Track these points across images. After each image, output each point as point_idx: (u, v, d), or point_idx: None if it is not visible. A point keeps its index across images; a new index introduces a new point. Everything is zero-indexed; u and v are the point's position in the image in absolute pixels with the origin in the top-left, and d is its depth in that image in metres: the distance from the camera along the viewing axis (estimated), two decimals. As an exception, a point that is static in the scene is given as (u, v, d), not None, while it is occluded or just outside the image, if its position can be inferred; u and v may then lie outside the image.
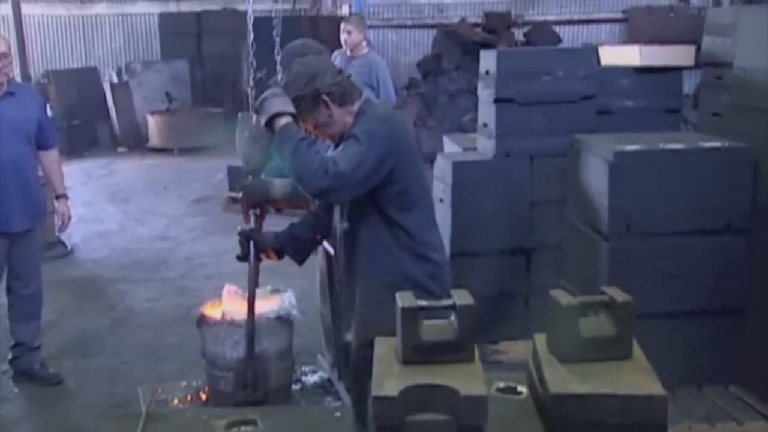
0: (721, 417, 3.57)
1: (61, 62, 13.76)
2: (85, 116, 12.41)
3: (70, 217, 4.66)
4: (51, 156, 4.60)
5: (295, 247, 3.17)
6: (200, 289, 6.03)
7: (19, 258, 4.36)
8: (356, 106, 2.88)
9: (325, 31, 10.65)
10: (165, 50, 13.67)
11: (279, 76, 3.89)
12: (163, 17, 13.65)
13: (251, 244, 3.20)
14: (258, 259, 3.24)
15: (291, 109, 2.77)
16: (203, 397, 3.52)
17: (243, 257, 3.24)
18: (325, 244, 3.05)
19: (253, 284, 3.23)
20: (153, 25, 13.85)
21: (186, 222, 8.20)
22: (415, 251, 2.87)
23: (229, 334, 3.23)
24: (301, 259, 3.19)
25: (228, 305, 3.41)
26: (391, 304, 2.73)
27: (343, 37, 6.67)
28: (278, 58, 4.85)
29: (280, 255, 3.21)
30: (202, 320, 3.39)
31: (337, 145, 2.89)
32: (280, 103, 2.76)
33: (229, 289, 3.49)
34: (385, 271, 2.83)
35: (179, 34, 13.59)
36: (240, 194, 3.26)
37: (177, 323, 5.34)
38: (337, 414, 2.05)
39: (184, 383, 3.75)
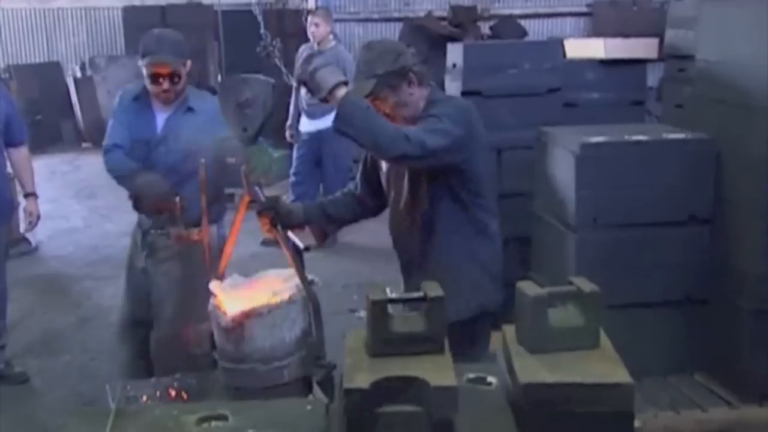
0: (686, 404, 3.63)
1: (23, 57, 13.55)
2: (48, 112, 12.25)
3: (38, 216, 4.57)
4: (20, 153, 4.50)
5: (322, 224, 3.18)
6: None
7: None
8: (428, 91, 2.91)
9: (291, 25, 10.61)
10: (129, 45, 13.50)
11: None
12: (127, 11, 13.47)
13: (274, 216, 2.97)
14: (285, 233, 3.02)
15: (345, 78, 2.73)
16: (172, 393, 3.48)
17: (269, 232, 2.98)
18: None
19: (293, 252, 2.94)
20: (117, 19, 13.66)
21: (152, 218, 8.11)
22: (484, 235, 2.96)
23: (286, 314, 2.79)
24: (324, 238, 3.16)
25: (238, 294, 2.92)
26: (468, 286, 2.77)
27: (310, 30, 6.68)
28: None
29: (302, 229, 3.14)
30: (242, 319, 2.77)
31: None
32: (333, 73, 2.71)
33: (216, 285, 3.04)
34: (461, 255, 2.91)
35: (144, 28, 13.29)
36: (242, 165, 2.97)
37: (145, 320, 5.29)
38: (309, 407, 2.05)
39: (153, 380, 3.71)
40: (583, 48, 4.90)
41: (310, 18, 6.75)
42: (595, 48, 4.77)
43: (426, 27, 11.27)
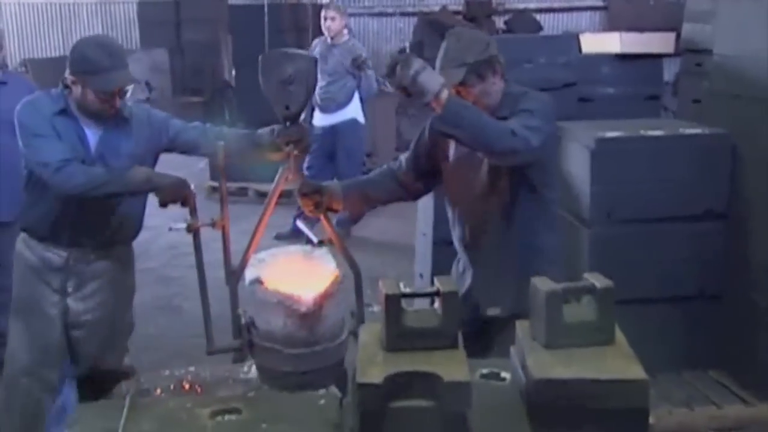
0: (700, 401, 3.61)
1: (38, 51, 13.62)
2: (63, 106, 12.31)
3: None
4: None
5: (360, 204, 3.13)
6: (183, 278, 6.00)
7: (3, 248, 4.32)
8: (504, 83, 2.90)
9: (303, 19, 10.60)
10: (144, 39, 13.55)
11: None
12: (142, 5, 13.52)
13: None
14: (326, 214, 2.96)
15: (443, 79, 2.69)
16: (186, 386, 3.52)
17: (312, 213, 2.94)
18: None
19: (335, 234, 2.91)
20: (131, 13, 13.71)
21: (167, 211, 8.11)
22: (553, 229, 2.97)
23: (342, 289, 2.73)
24: (358, 217, 3.11)
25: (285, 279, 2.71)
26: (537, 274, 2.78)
27: (325, 24, 6.63)
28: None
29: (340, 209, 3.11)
30: (322, 301, 2.53)
31: None
32: (433, 75, 2.67)
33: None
34: (535, 248, 2.90)
35: (158, 22, 13.46)
36: (282, 142, 2.85)
37: (158, 313, 5.32)
38: (322, 401, 2.06)
39: (166, 372, 3.75)
40: (599, 42, 4.88)
41: (324, 12, 6.73)
42: (611, 42, 4.76)
43: (440, 21, 11.24)
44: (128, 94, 3.15)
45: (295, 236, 2.85)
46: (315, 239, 2.84)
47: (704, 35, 4.38)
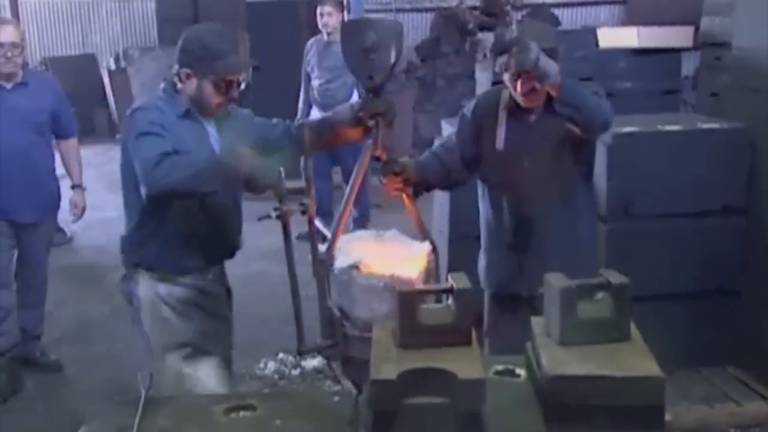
0: (719, 398, 3.59)
1: (58, 49, 13.71)
2: (83, 103, 12.34)
3: (84, 208, 4.68)
4: (68, 145, 4.61)
5: (423, 186, 3.05)
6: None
7: (28, 247, 4.38)
8: None
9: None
10: (162, 36, 13.59)
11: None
12: (160, 3, 13.54)
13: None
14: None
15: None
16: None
17: (396, 192, 2.86)
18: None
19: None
20: (150, 11, 13.74)
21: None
22: (594, 215, 3.12)
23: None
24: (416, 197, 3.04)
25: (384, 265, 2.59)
26: (588, 264, 2.80)
27: (322, 20, 6.32)
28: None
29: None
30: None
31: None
32: (549, 60, 2.69)
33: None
34: (588, 233, 3.04)
35: (176, 19, 13.47)
36: (366, 116, 2.72)
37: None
38: (336, 398, 2.06)
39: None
40: (616, 37, 4.85)
41: (319, 8, 6.31)
42: (629, 37, 4.72)
43: (458, 17, 11.21)
44: (243, 86, 2.81)
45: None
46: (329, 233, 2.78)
47: (723, 28, 4.34)
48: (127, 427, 1.89)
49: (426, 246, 2.61)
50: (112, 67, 13.11)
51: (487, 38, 4.61)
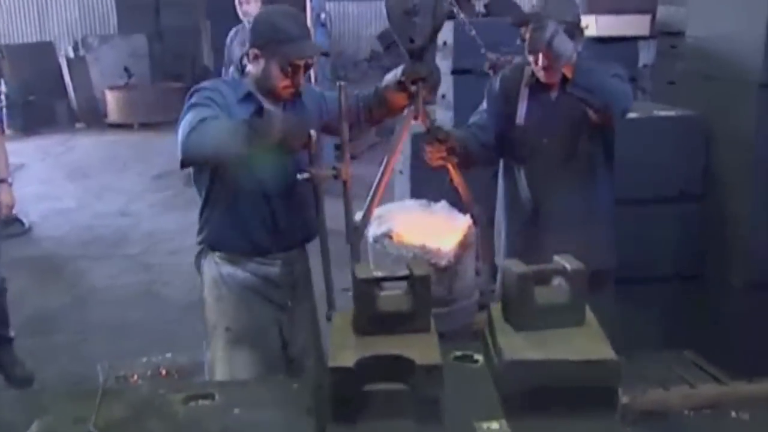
0: (675, 381, 3.63)
1: (13, 36, 13.48)
2: (41, 92, 12.19)
3: (10, 206, 4.37)
4: None
5: (464, 159, 2.90)
6: (163, 264, 6.00)
7: None
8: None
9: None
10: (122, 24, 13.44)
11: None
12: (119, -11, 13.43)
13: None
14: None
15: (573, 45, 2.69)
16: (163, 372, 3.51)
17: (440, 161, 2.74)
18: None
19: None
20: (109, -2, 13.62)
21: (147, 198, 8.13)
22: (613, 195, 3.06)
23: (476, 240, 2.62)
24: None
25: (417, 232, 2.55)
26: (606, 245, 2.92)
27: (242, 9, 5.96)
28: None
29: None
30: (461, 253, 2.36)
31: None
32: (566, 40, 2.63)
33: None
34: (607, 213, 3.02)
35: (136, 7, 13.37)
36: (408, 81, 2.64)
37: (137, 300, 5.31)
38: (295, 385, 2.06)
39: (144, 359, 3.75)
40: (575, 25, 4.87)
41: None
42: (587, 25, 4.74)
43: (420, 5, 11.20)
44: (310, 71, 2.76)
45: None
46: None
47: (679, 17, 4.40)
48: (84, 419, 1.88)
49: (466, 219, 2.52)
50: (71, 55, 12.94)
51: (447, 26, 4.60)
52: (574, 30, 2.78)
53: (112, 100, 12.42)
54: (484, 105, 3.14)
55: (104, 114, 12.56)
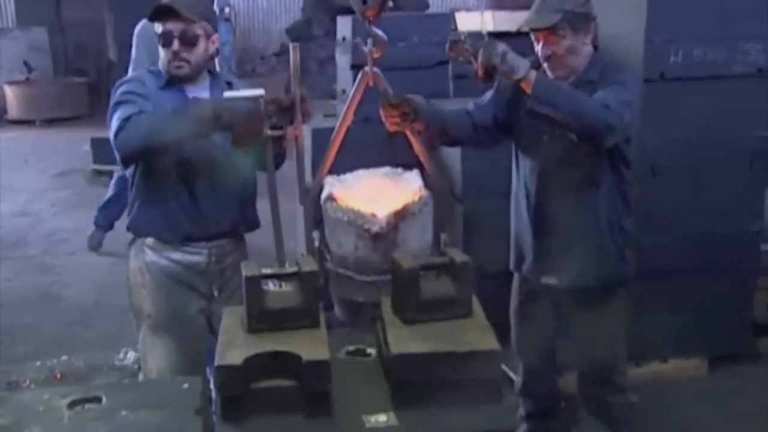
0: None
1: None
2: (-65, 87, 11.73)
3: None
4: None
5: (438, 133, 2.82)
6: (62, 265, 5.83)
7: None
8: (593, 53, 2.79)
9: None
10: (21, 16, 13.01)
11: None
12: (17, -20, 12.98)
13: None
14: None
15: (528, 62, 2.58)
16: (58, 376, 3.43)
17: (396, 126, 2.64)
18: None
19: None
20: (6, -10, 13.15)
21: (48, 197, 7.90)
22: (627, 203, 2.87)
23: (430, 212, 2.50)
24: (434, 146, 2.84)
25: (361, 197, 2.46)
26: (613, 254, 2.80)
27: None
28: None
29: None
30: (397, 221, 2.27)
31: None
32: (519, 57, 2.55)
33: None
34: (612, 221, 2.83)
35: (36, -1, 12.98)
36: (360, 44, 2.61)
37: (35, 302, 5.14)
38: (185, 385, 2.04)
39: (38, 363, 3.64)
40: (474, 20, 4.89)
41: None
42: (485, 20, 4.82)
43: (328, -1, 11.19)
44: (203, 49, 2.69)
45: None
46: None
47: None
48: (-40, 428, 1.82)
49: (412, 188, 2.45)
50: (-34, 49, 12.45)
51: (345, 22, 4.62)
52: (576, 20, 2.71)
53: (11, 95, 12.01)
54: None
55: (3, 110, 12.15)
